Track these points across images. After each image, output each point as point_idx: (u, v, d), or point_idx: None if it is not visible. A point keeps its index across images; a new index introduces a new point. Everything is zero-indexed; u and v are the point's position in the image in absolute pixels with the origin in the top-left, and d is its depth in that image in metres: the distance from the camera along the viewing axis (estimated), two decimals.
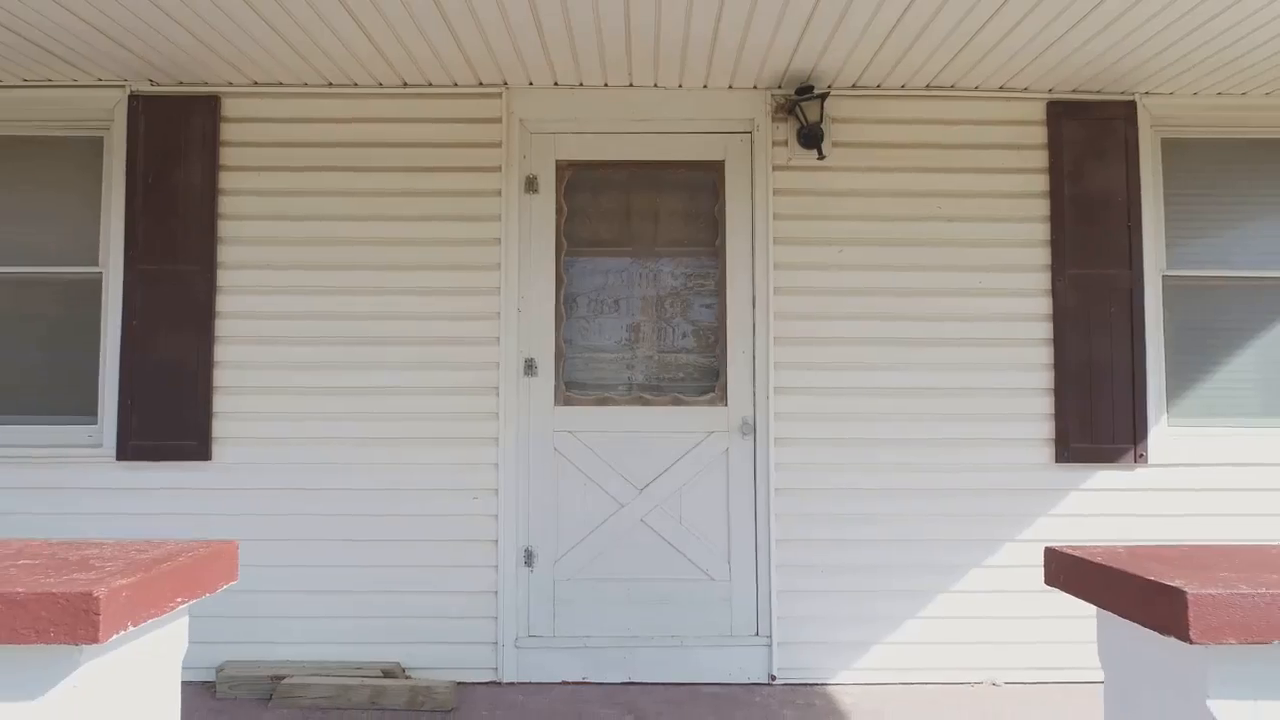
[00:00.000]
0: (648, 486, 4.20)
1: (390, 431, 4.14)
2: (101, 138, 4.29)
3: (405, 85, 4.24)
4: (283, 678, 3.90)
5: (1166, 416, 4.27)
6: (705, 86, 4.26)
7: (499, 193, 4.21)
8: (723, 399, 4.25)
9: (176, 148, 4.20)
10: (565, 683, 4.08)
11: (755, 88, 4.26)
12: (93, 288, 4.25)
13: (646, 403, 4.26)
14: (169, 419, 4.13)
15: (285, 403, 4.15)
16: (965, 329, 4.23)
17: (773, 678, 4.11)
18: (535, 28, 3.60)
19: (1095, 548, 1.89)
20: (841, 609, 4.15)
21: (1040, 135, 4.27)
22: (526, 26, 3.59)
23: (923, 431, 4.21)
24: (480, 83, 4.22)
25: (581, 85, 4.25)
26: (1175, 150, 4.37)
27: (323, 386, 4.15)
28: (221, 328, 4.17)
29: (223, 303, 4.18)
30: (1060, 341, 4.20)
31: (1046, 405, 4.20)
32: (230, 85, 4.23)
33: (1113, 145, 4.26)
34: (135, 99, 4.21)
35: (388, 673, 3.97)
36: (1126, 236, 4.23)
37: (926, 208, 4.24)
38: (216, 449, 4.14)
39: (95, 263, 4.26)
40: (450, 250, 4.20)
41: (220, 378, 4.16)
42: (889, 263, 4.23)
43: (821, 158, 4.18)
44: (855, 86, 4.25)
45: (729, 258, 4.28)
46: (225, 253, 4.19)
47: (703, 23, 3.55)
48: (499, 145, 4.22)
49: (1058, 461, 4.19)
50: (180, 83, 4.22)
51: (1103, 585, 1.66)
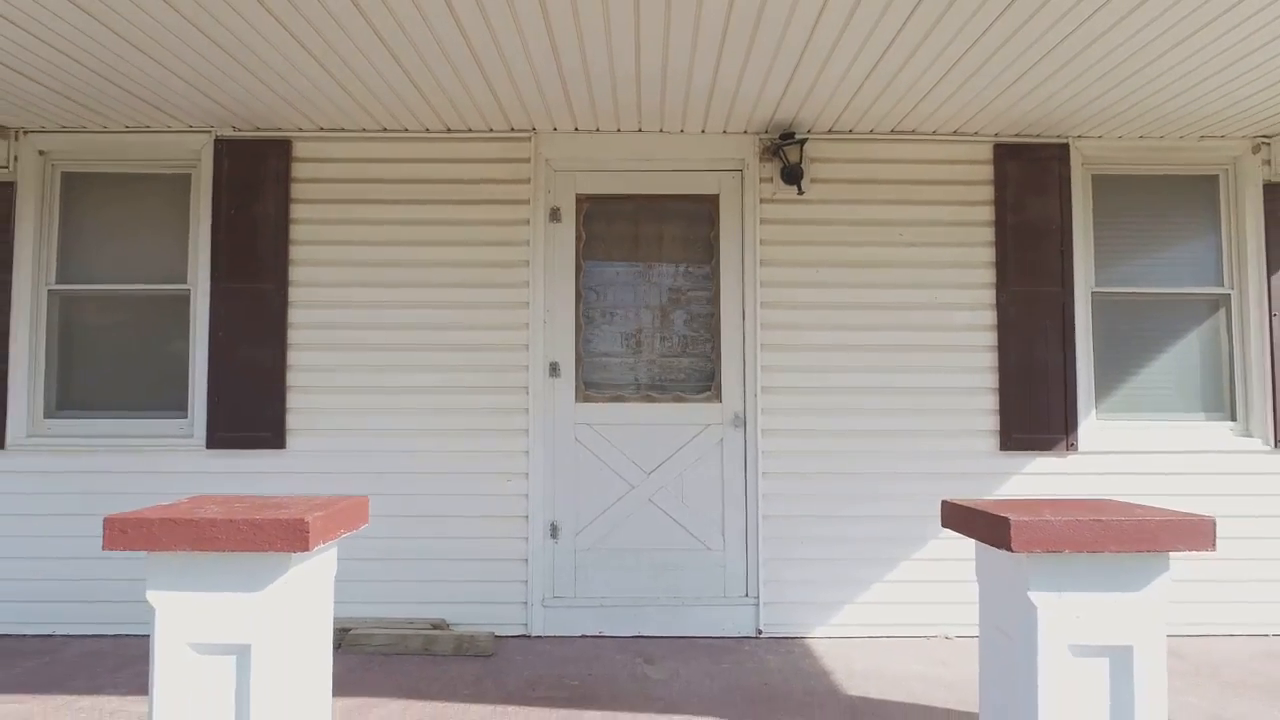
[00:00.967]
0: (654, 471, 4.96)
1: (437, 424, 4.90)
2: (190, 175, 5.06)
3: (448, 130, 4.99)
4: (349, 630, 4.65)
5: (1095, 411, 5.03)
6: (703, 131, 5.02)
7: (528, 222, 4.97)
8: (718, 396, 5.00)
9: (254, 184, 4.96)
10: (585, 636, 4.84)
11: (745, 133, 5.02)
12: (182, 302, 5.01)
13: (653, 400, 5.02)
14: (249, 414, 4.89)
15: (348, 400, 4.91)
16: (923, 337, 4.98)
17: (759, 632, 4.87)
18: (559, 78, 4.29)
19: (971, 499, 2.65)
20: (818, 574, 4.91)
21: (987, 172, 5.03)
22: (552, 77, 4.28)
23: (888, 424, 4.96)
24: (512, 128, 4.98)
25: (598, 130, 5.01)
26: (1103, 185, 5.13)
27: (379, 386, 4.91)
28: (293, 336, 4.93)
29: (294, 315, 4.94)
30: (1004, 348, 4.96)
31: (992, 402, 4.96)
32: (300, 131, 4.99)
33: (1049, 181, 5.02)
34: (220, 142, 4.97)
35: (435, 626, 4.73)
36: (1060, 258, 4.99)
37: (890, 234, 5.00)
38: (290, 439, 4.90)
39: (184, 281, 5.02)
40: (486, 271, 4.96)
41: (293, 379, 4.92)
42: (858, 281, 4.98)
43: (801, 193, 4.94)
44: (830, 131, 5.01)
45: (722, 276, 5.04)
46: (296, 273, 4.95)
47: (702, 74, 4.25)
48: (528, 182, 4.98)
49: (1001, 450, 4.94)
50: (258, 128, 4.98)
51: (970, 522, 2.42)
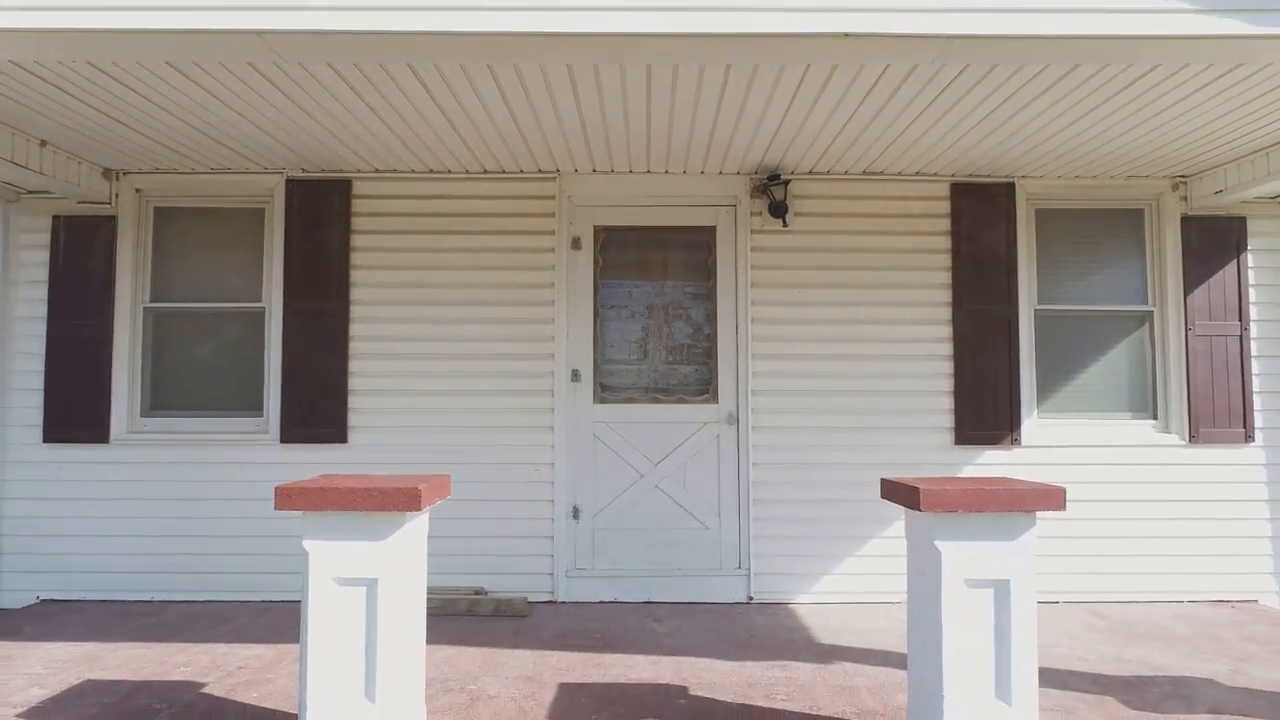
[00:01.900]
0: (660, 462, 5.83)
1: (476, 422, 5.76)
2: (264, 209, 5.92)
3: (485, 172, 5.86)
4: None
5: (1036, 411, 5.89)
6: (702, 172, 5.88)
7: (553, 249, 5.83)
8: (715, 398, 5.87)
9: (320, 217, 5.82)
10: (602, 601, 5.70)
11: (738, 174, 5.88)
12: (258, 318, 5.87)
13: (659, 401, 5.88)
14: (316, 413, 5.75)
15: (401, 402, 5.77)
16: (890, 348, 5.84)
17: (750, 598, 5.74)
18: (583, 133, 5.14)
19: (901, 476, 3.52)
20: (800, 550, 5.76)
21: (945, 207, 5.88)
22: (576, 133, 5.13)
23: (860, 422, 5.82)
24: (540, 170, 5.84)
25: (613, 171, 5.87)
26: (1045, 217, 5.99)
27: (428, 390, 5.77)
28: (354, 348, 5.79)
29: (354, 330, 5.80)
30: (958, 357, 5.82)
31: (948, 403, 5.82)
32: (359, 172, 5.85)
33: (997, 214, 5.88)
34: (290, 182, 5.83)
35: (477, 592, 5.60)
36: (1007, 281, 5.85)
37: (862, 260, 5.86)
38: (351, 435, 5.76)
39: (259, 300, 5.88)
40: (518, 291, 5.82)
41: (353, 384, 5.78)
42: (835, 300, 5.84)
43: (785, 225, 5.80)
44: (811, 172, 5.87)
45: (719, 296, 5.90)
46: (356, 294, 5.81)
47: (701, 131, 5.10)
48: (553, 215, 5.85)
49: (956, 444, 5.81)
50: (323, 170, 5.84)
51: (898, 493, 3.28)
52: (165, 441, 5.78)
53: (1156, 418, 5.92)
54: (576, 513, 5.81)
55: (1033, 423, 5.86)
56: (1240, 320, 5.86)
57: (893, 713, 3.69)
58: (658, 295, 5.96)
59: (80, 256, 5.82)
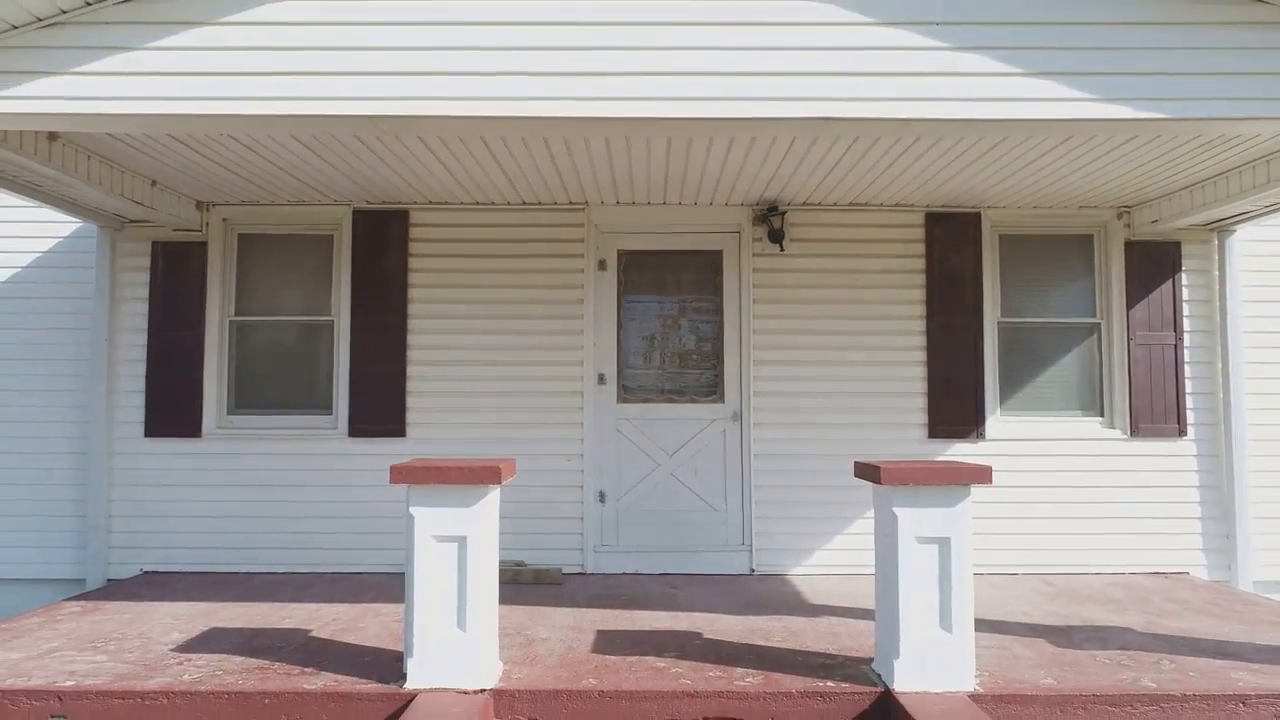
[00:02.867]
0: (674, 453, 6.76)
1: (517, 419, 6.70)
2: (333, 235, 6.87)
3: (524, 203, 6.80)
4: None
5: (999, 410, 6.82)
6: (711, 204, 6.82)
7: (582, 270, 6.77)
8: (721, 399, 6.80)
9: (382, 242, 6.77)
10: (625, 573, 6.64)
11: (742, 205, 6.82)
12: (328, 329, 6.82)
13: (673, 401, 6.82)
14: (379, 411, 6.69)
15: (452, 402, 6.71)
16: (874, 355, 6.77)
17: (752, 570, 6.67)
18: (610, 176, 6.09)
19: (870, 459, 4.46)
20: (796, 529, 6.70)
21: (920, 234, 6.82)
22: (605, 175, 6.08)
23: (847, 419, 6.75)
24: (571, 202, 6.78)
25: (634, 203, 6.82)
26: (1007, 241, 6.92)
27: (475, 391, 6.71)
28: (411, 355, 6.73)
29: (412, 340, 6.74)
30: (931, 363, 6.75)
31: (923, 403, 6.75)
32: (415, 203, 6.79)
33: (966, 239, 6.81)
34: (357, 212, 6.78)
35: (518, 565, 6.54)
36: (973, 296, 6.77)
37: (848, 279, 6.79)
38: (409, 430, 6.70)
39: (329, 313, 6.83)
40: (551, 306, 6.76)
41: (411, 386, 6.72)
42: (826, 314, 6.77)
43: (782, 250, 6.74)
44: (805, 204, 6.80)
45: (725, 310, 6.84)
46: (413, 308, 6.75)
47: (710, 175, 6.05)
48: (582, 240, 6.79)
49: (930, 438, 6.74)
50: (384, 202, 6.79)
51: (865, 472, 4.22)
52: (248, 436, 6.73)
53: (1103, 415, 6.85)
54: (603, 497, 6.75)
55: (995, 419, 6.79)
56: (1175, 331, 6.79)
57: (866, 650, 4.62)
58: (672, 309, 6.90)
59: (175, 277, 6.77)
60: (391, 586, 6.16)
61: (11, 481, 6.72)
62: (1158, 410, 6.75)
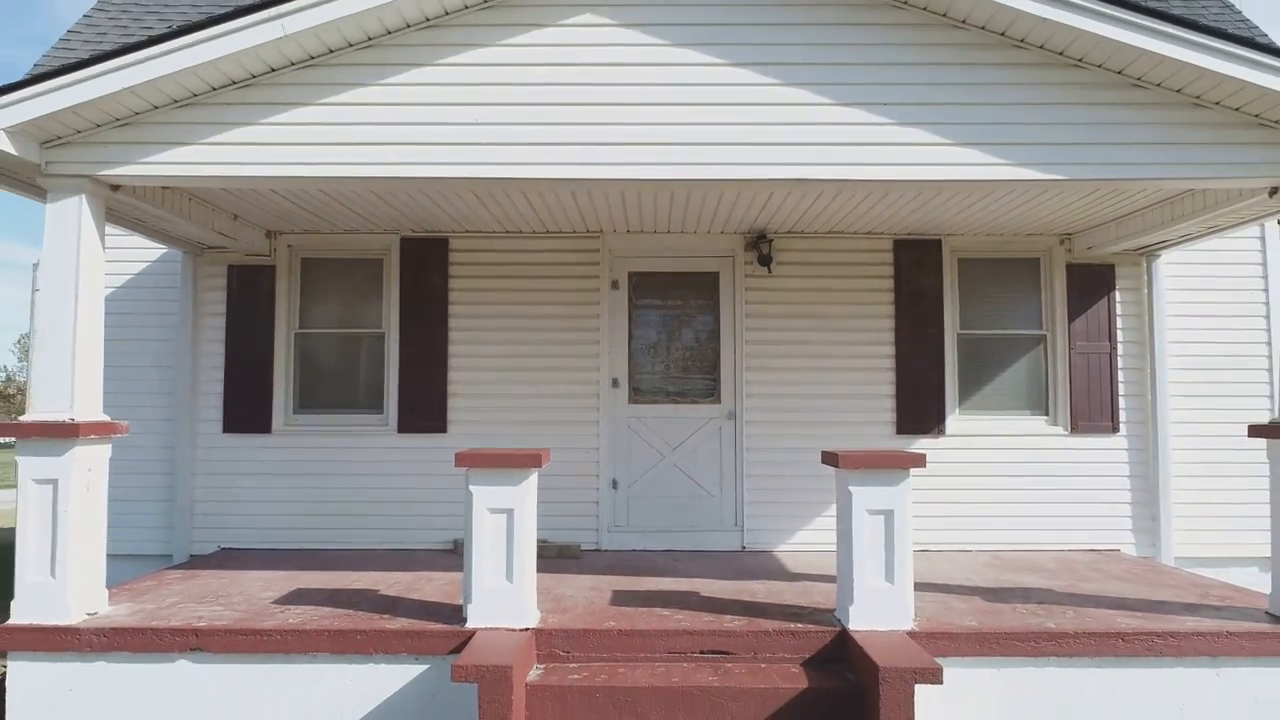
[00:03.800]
0: (677, 447, 7.86)
1: (542, 418, 7.79)
2: (383, 260, 7.97)
3: (548, 231, 7.90)
4: None
5: (957, 409, 7.90)
6: (709, 232, 7.91)
7: (598, 290, 7.87)
8: (718, 400, 7.89)
9: (425, 266, 7.87)
10: (634, 550, 7.73)
11: (735, 233, 7.91)
12: (380, 340, 7.92)
13: (677, 402, 7.91)
14: (424, 411, 7.79)
15: (487, 403, 7.81)
16: (849, 362, 7.85)
17: (744, 548, 7.76)
18: (623, 210, 7.19)
19: (835, 448, 5.55)
20: (781, 511, 7.78)
21: (889, 258, 7.90)
22: (619, 210, 7.19)
23: (826, 417, 7.83)
24: (588, 230, 7.88)
25: (643, 231, 7.92)
26: (965, 264, 8.00)
27: (505, 394, 7.81)
28: (452, 363, 7.83)
29: (452, 349, 7.84)
30: (900, 369, 7.83)
31: (891, 404, 7.83)
32: (453, 232, 7.90)
33: (929, 263, 7.89)
34: (403, 240, 7.88)
35: (542, 542, 7.62)
36: (936, 311, 7.85)
37: (828, 297, 7.88)
38: (450, 427, 7.80)
39: (381, 326, 7.93)
40: (571, 320, 7.86)
41: (451, 390, 7.82)
42: (809, 327, 7.86)
43: (770, 272, 7.82)
44: (790, 232, 7.89)
45: (721, 323, 7.93)
46: (453, 323, 7.85)
47: (708, 210, 7.15)
48: (597, 264, 7.88)
49: (897, 434, 7.82)
50: (427, 231, 7.89)
51: (830, 458, 5.31)
52: (311, 432, 7.83)
53: (1047, 414, 7.92)
54: (615, 484, 7.84)
55: (955, 418, 7.86)
56: (1110, 341, 7.86)
57: (832, 603, 5.70)
58: (675, 323, 7.99)
59: (248, 295, 7.87)
60: (437, 560, 7.26)
61: (114, 471, 7.81)
62: (1094, 410, 7.82)
